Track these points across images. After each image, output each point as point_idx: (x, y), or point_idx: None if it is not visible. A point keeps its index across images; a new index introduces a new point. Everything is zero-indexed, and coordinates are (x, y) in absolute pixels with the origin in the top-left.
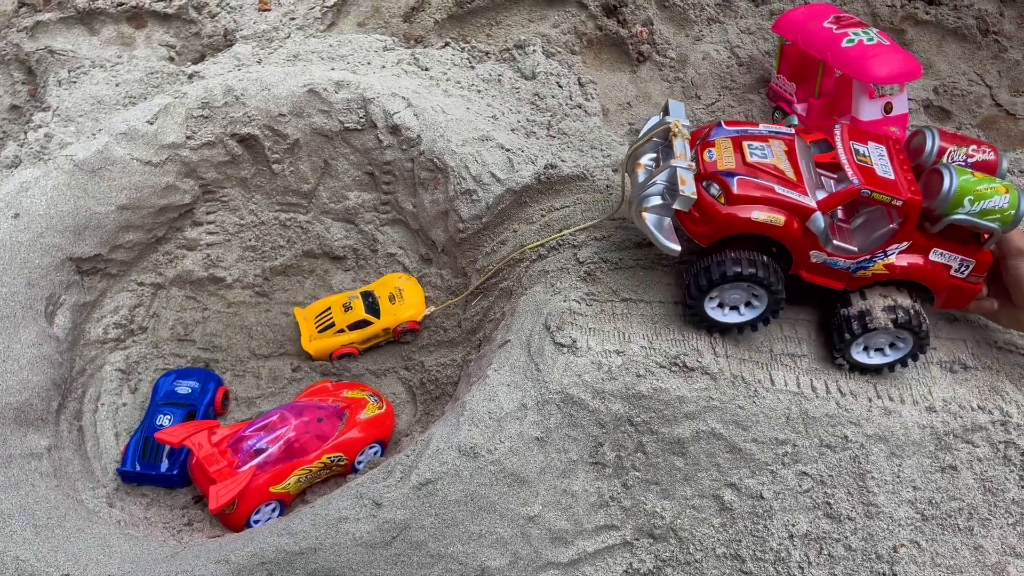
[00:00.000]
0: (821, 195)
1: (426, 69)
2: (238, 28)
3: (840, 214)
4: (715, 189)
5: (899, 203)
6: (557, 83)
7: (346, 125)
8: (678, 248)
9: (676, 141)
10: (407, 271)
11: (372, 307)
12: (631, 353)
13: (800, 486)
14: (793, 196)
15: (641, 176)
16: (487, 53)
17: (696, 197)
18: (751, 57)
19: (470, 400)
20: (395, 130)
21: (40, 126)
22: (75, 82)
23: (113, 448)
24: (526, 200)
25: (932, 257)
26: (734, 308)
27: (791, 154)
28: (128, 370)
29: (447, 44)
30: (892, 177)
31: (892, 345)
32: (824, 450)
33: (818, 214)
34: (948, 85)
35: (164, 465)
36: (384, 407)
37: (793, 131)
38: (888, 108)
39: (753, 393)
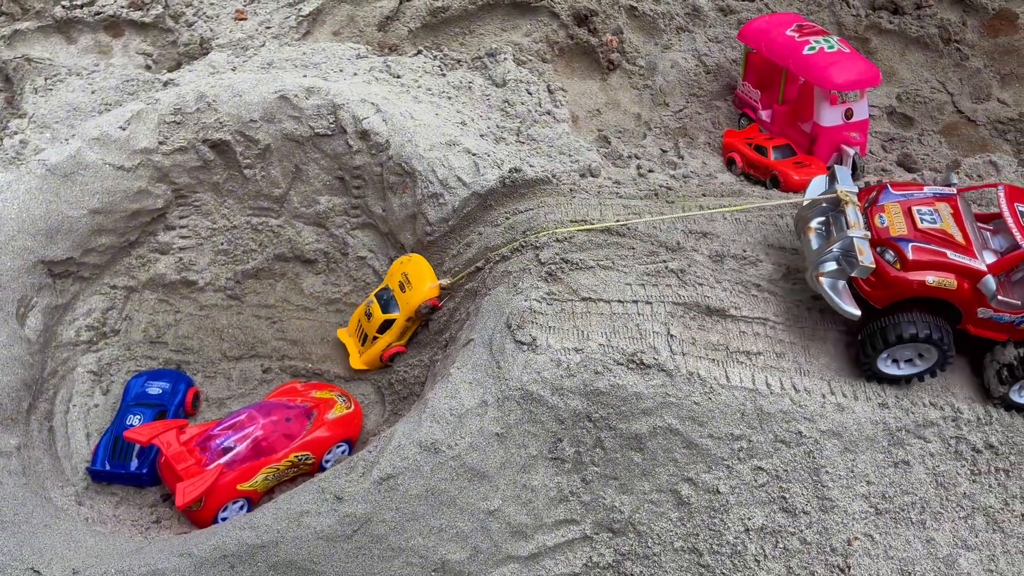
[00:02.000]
0: (989, 256)
1: (398, 76)
2: (214, 37)
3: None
4: (890, 255)
5: None
6: (527, 90)
7: (316, 131)
8: (858, 312)
9: (849, 209)
10: (377, 274)
11: (388, 304)
12: (589, 351)
13: (756, 481)
14: (964, 260)
15: (814, 241)
16: (459, 61)
17: (873, 267)
18: (718, 65)
19: (432, 397)
20: (364, 135)
21: (16, 132)
22: (51, 89)
23: (84, 448)
24: (491, 203)
25: None
26: (907, 361)
27: (957, 216)
28: (100, 372)
29: (419, 52)
30: None
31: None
32: (779, 445)
33: (989, 277)
34: (911, 92)
35: (134, 464)
36: (352, 407)
37: (955, 191)
38: (849, 114)
39: (709, 390)
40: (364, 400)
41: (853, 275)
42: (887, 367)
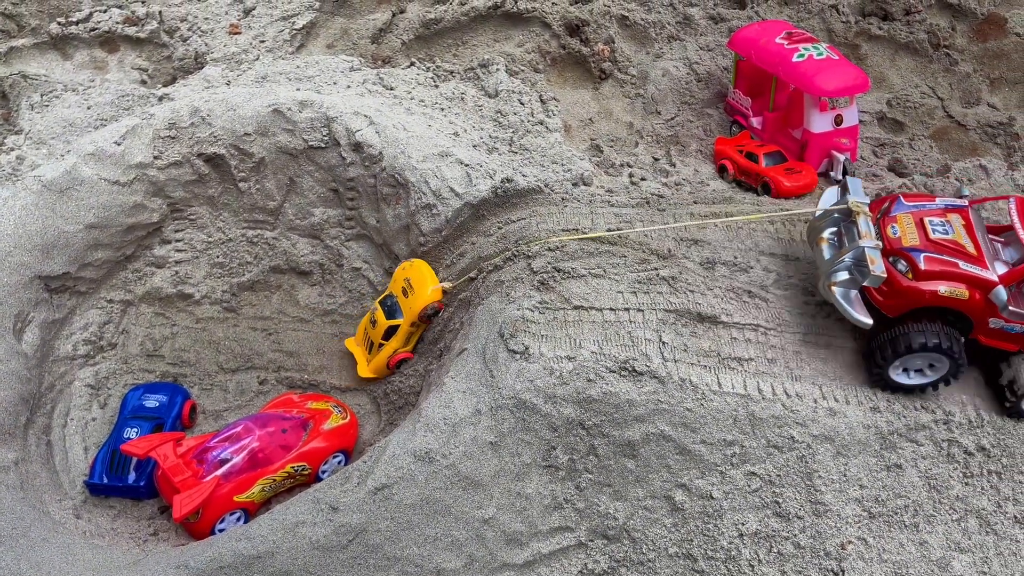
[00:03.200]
0: (1000, 267)
1: (391, 88)
2: (209, 51)
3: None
4: (902, 265)
5: None
6: (519, 100)
7: (310, 143)
8: (870, 321)
9: (861, 219)
10: (372, 285)
11: (392, 310)
12: (582, 359)
13: (749, 486)
14: (975, 271)
15: (826, 251)
16: (451, 72)
17: (884, 276)
18: (709, 73)
19: (427, 407)
20: (357, 147)
21: (12, 149)
22: (47, 106)
23: (82, 461)
24: (484, 213)
25: None
26: (918, 371)
27: (968, 228)
28: (97, 385)
29: (412, 64)
30: None
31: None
32: (772, 450)
33: (1000, 287)
34: (901, 98)
35: (131, 477)
36: (348, 417)
37: (967, 203)
38: (839, 120)
39: (701, 396)
40: (360, 410)
41: (865, 284)
42: (899, 376)
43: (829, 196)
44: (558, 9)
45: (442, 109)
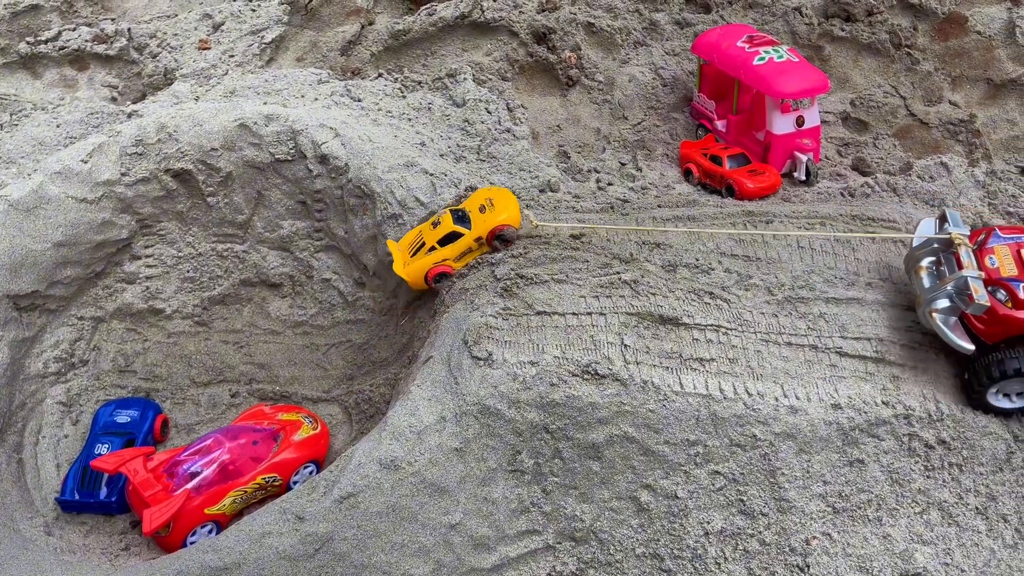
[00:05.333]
0: None
1: (358, 100)
2: (178, 67)
3: None
4: (1001, 294)
5: None
6: (486, 109)
7: (277, 156)
8: (971, 347)
9: (962, 250)
10: (342, 295)
11: (462, 220)
12: (545, 363)
13: (713, 485)
14: None
15: (926, 279)
16: (419, 82)
17: (988, 305)
18: (675, 77)
19: (392, 415)
20: (324, 159)
21: None
22: (17, 125)
23: (54, 479)
24: None
25: None
26: (1019, 395)
27: None
28: (69, 402)
29: (380, 75)
30: None
31: None
32: (735, 449)
33: None
34: (865, 98)
35: (103, 493)
36: (319, 428)
37: None
38: (800, 121)
39: (663, 397)
40: (331, 420)
41: (967, 312)
42: (997, 400)
43: (927, 226)
44: (525, 18)
45: (409, 119)
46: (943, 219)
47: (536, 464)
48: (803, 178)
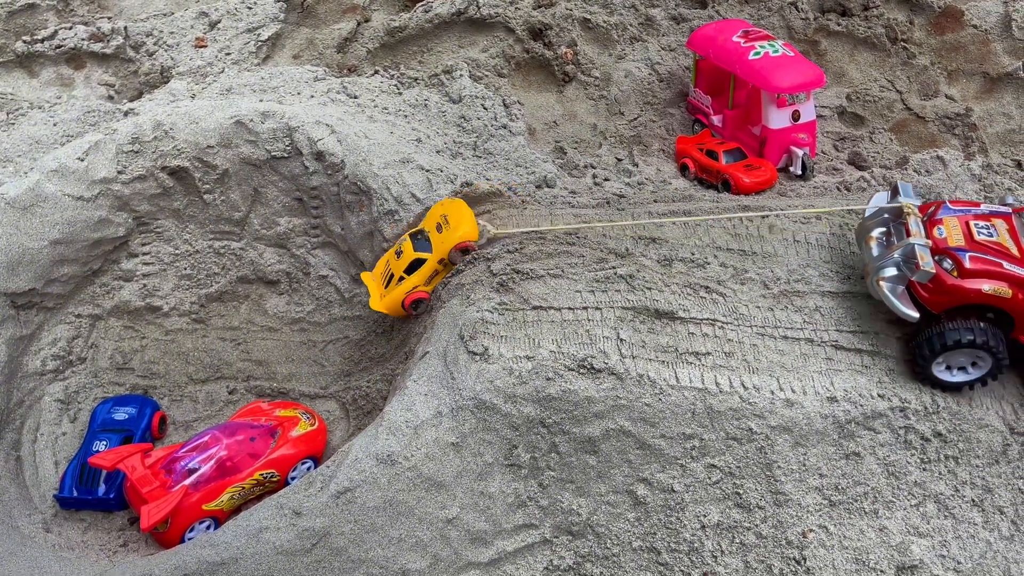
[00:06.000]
0: None
1: (355, 97)
2: (175, 65)
3: None
4: (948, 264)
5: None
6: (482, 105)
7: (273, 153)
8: (916, 314)
9: (911, 219)
10: (339, 292)
11: (423, 244)
12: (541, 358)
13: (709, 478)
14: (1019, 271)
15: (875, 249)
16: (415, 79)
17: (934, 271)
18: (671, 73)
19: (389, 411)
20: (320, 156)
21: None
22: (13, 124)
23: (52, 476)
24: None
25: None
26: (960, 368)
27: (1012, 232)
28: (67, 400)
29: (376, 72)
30: None
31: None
32: (731, 443)
33: None
34: (861, 92)
35: (101, 489)
36: (316, 424)
37: (1010, 210)
38: (796, 116)
39: (659, 391)
40: (329, 416)
41: (913, 279)
42: (941, 373)
43: (879, 198)
44: (521, 14)
45: (405, 116)
46: (895, 191)
47: (532, 458)
48: (799, 172)
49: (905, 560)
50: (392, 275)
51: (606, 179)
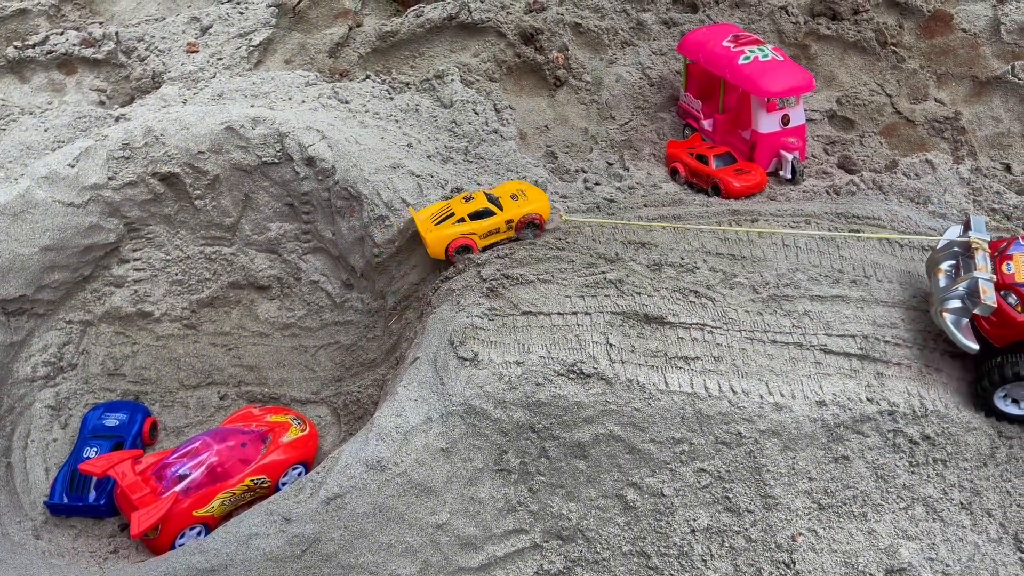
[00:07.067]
0: None
1: (346, 102)
2: (166, 70)
3: None
4: (1013, 299)
5: None
6: (473, 110)
7: (263, 159)
8: (976, 347)
9: (978, 254)
10: (330, 297)
11: (495, 201)
12: (530, 363)
13: (699, 482)
14: None
15: (942, 280)
16: (407, 84)
17: (995, 306)
18: (661, 77)
19: (379, 416)
20: (310, 162)
21: None
22: (4, 129)
23: (43, 482)
24: None
25: None
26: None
27: None
28: (58, 406)
29: (368, 77)
30: None
31: None
32: (720, 447)
33: None
34: (851, 96)
35: (92, 496)
36: (307, 429)
37: None
38: (786, 120)
39: (648, 396)
40: (320, 422)
41: (976, 312)
42: (1004, 405)
43: (952, 231)
44: (513, 19)
45: (397, 121)
46: (967, 225)
47: (522, 463)
48: (789, 176)
49: (894, 563)
50: (452, 214)
51: (597, 183)
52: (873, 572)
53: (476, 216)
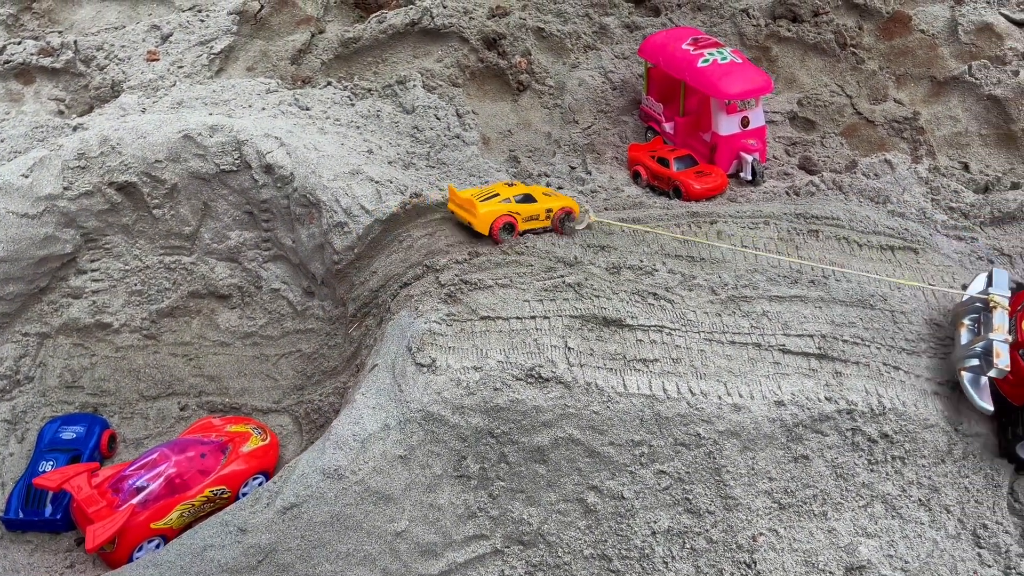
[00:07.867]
0: None
1: (306, 109)
2: (126, 79)
3: None
4: None
5: None
6: (435, 115)
7: (222, 167)
8: (991, 408)
9: (996, 313)
10: (291, 305)
11: (528, 197)
12: (488, 368)
13: (659, 484)
14: None
15: (964, 336)
16: (369, 90)
17: (1008, 370)
18: (624, 81)
19: (337, 424)
20: (269, 169)
21: None
22: None
23: None
24: (393, 228)
25: None
26: None
27: None
28: (15, 420)
29: (329, 83)
30: None
31: None
32: (679, 448)
33: None
34: (812, 97)
35: (48, 510)
36: (268, 439)
37: None
38: (745, 122)
39: (607, 399)
40: (282, 431)
41: (991, 375)
42: None
43: (978, 283)
44: (475, 24)
45: (357, 127)
46: (990, 279)
47: (482, 469)
48: (749, 178)
49: (853, 561)
50: (496, 195)
51: (559, 187)
52: (833, 570)
53: (521, 200)
